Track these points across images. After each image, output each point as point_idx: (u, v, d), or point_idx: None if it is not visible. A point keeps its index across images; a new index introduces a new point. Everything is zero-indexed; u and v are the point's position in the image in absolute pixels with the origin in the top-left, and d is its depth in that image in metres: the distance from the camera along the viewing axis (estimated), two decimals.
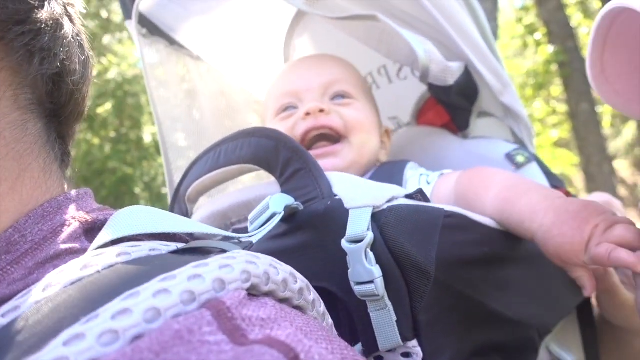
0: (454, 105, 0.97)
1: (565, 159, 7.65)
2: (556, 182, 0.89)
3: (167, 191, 1.06)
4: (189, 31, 1.18)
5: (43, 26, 0.42)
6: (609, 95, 0.60)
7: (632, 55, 0.57)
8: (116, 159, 5.77)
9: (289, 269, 0.41)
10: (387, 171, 0.86)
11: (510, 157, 0.92)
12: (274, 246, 0.62)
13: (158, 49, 1.14)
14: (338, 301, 0.57)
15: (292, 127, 0.87)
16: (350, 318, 0.57)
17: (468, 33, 0.91)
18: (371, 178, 0.87)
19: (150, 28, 1.10)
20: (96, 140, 5.97)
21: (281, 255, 0.60)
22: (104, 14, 6.22)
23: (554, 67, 6.66)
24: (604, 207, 0.59)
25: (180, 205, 0.81)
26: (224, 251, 0.40)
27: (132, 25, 1.02)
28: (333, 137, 0.86)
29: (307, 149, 0.85)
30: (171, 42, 1.16)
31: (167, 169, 1.06)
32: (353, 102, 0.90)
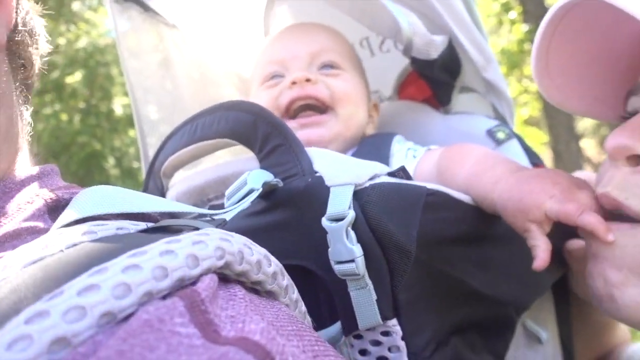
0: (436, 79, 0.95)
1: (535, 137, 7.76)
2: (536, 159, 0.89)
3: (140, 165, 1.03)
4: None
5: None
6: (549, 90, 0.60)
7: (575, 51, 0.57)
8: (86, 133, 5.59)
9: (263, 251, 0.39)
10: (374, 144, 0.85)
11: (491, 133, 0.91)
12: (252, 223, 0.60)
13: (131, 15, 1.09)
14: (317, 280, 0.57)
15: (277, 96, 0.85)
16: (329, 297, 0.57)
17: (453, 6, 0.89)
18: (357, 151, 0.85)
19: None
20: (64, 116, 5.74)
21: (260, 232, 0.59)
22: None
23: (527, 46, 6.71)
24: (565, 173, 0.59)
25: (155, 180, 0.79)
26: (196, 229, 0.38)
27: None
28: (319, 107, 0.84)
29: (292, 118, 0.84)
30: (145, 8, 1.11)
31: (141, 143, 1.03)
32: (341, 73, 0.88)
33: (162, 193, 0.80)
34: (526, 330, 0.74)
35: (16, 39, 0.45)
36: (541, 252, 0.54)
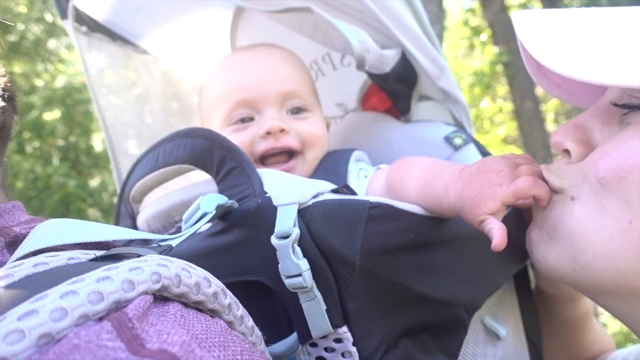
0: (393, 91, 0.99)
1: None
2: None
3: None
4: (131, 23, 1.16)
5: None
6: (551, 88, 0.64)
7: None
8: (61, 172, 5.56)
9: (203, 272, 0.43)
10: (332, 163, 0.88)
11: (448, 139, 0.95)
12: (212, 243, 0.64)
13: (101, 47, 1.13)
14: (274, 294, 0.60)
15: (251, 143, 0.84)
16: (285, 309, 0.60)
17: (402, 20, 0.93)
18: (317, 170, 0.89)
19: (90, 24, 1.09)
20: (37, 164, 5.69)
21: (219, 251, 0.63)
22: (48, 17, 5.99)
23: (499, 68, 6.89)
24: (501, 157, 0.63)
25: (125, 205, 0.83)
26: (139, 256, 0.42)
27: (69, 24, 1.01)
28: (288, 152, 0.86)
29: (262, 162, 0.86)
30: (113, 37, 1.15)
31: (117, 175, 1.06)
32: (309, 116, 0.90)
33: (133, 217, 0.83)
34: (485, 326, 0.77)
35: None
36: (497, 231, 0.58)
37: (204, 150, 0.68)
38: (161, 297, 0.38)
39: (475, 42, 7.68)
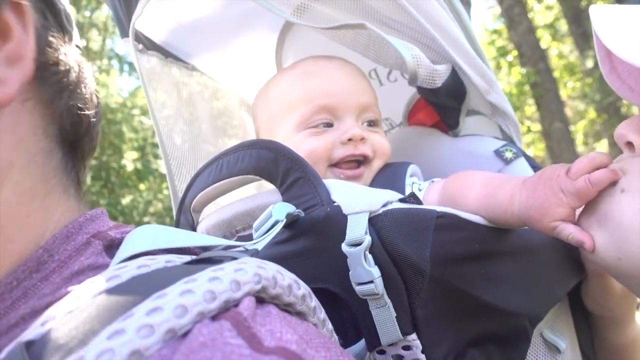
0: (442, 105, 1.00)
1: None
2: None
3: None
4: (183, 43, 1.21)
5: (71, 66, 0.49)
6: (623, 91, 0.63)
7: None
8: (93, 191, 5.69)
9: (293, 276, 0.45)
10: (389, 175, 0.89)
11: (499, 153, 0.96)
12: (278, 252, 0.66)
13: (153, 63, 1.17)
14: (341, 301, 0.61)
15: (330, 147, 0.87)
16: (353, 316, 0.61)
17: (453, 36, 0.95)
18: (374, 182, 0.90)
19: (146, 43, 1.13)
20: None
21: (285, 260, 0.64)
22: (81, 42, 6.27)
23: (526, 88, 6.86)
24: (556, 165, 0.63)
25: (186, 215, 0.85)
26: (234, 259, 0.44)
27: (129, 42, 1.05)
28: (360, 160, 0.89)
29: (334, 165, 0.88)
30: (166, 55, 1.20)
31: (172, 192, 1.09)
32: (379, 130, 0.94)
33: (193, 227, 0.86)
34: (545, 340, 0.77)
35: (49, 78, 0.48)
36: (579, 235, 0.58)
37: (269, 161, 0.70)
38: (258, 299, 0.40)
39: (502, 63, 7.67)
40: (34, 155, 0.45)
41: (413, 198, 0.63)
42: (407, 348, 0.58)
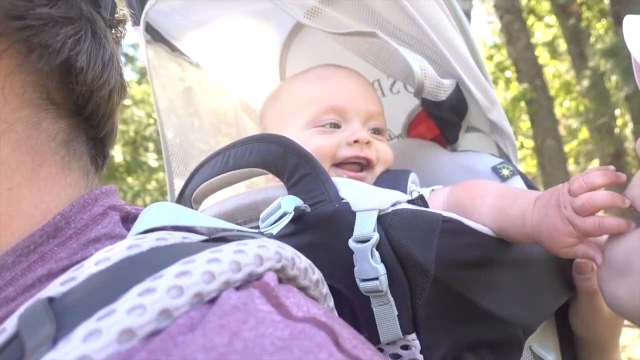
0: (444, 119, 1.02)
1: None
2: None
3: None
4: (190, 39, 1.21)
5: (42, 23, 0.42)
6: None
7: None
8: None
9: (308, 261, 0.45)
10: (390, 181, 0.90)
11: (496, 170, 0.98)
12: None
13: (159, 55, 1.17)
14: (342, 297, 0.62)
15: (336, 147, 0.89)
16: (352, 314, 0.62)
17: (460, 52, 0.97)
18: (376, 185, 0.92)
19: (154, 35, 1.14)
20: None
21: None
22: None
23: (522, 103, 6.99)
24: (566, 192, 0.62)
25: (185, 205, 0.85)
26: (253, 238, 0.44)
27: (139, 31, 1.06)
28: (361, 164, 0.91)
29: (337, 165, 0.90)
30: (172, 49, 1.20)
31: (169, 184, 1.08)
32: (383, 139, 0.97)
33: None
34: (533, 354, 0.78)
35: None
36: (592, 251, 0.60)
37: (277, 155, 0.71)
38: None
39: (499, 78, 7.78)
40: (10, 124, 0.42)
41: (421, 200, 0.64)
42: (405, 347, 0.59)
